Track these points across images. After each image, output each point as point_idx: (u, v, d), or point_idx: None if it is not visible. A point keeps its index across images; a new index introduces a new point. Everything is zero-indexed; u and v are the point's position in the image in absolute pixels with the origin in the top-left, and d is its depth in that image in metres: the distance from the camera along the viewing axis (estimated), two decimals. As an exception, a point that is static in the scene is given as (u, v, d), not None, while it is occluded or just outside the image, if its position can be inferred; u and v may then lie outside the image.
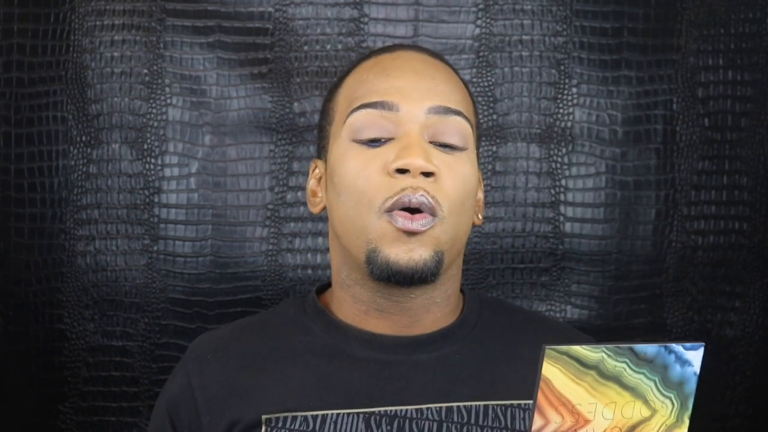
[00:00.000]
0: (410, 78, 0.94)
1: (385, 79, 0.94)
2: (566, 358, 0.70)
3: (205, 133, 1.29)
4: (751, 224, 1.34)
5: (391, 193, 0.89)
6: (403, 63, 0.96)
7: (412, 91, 0.93)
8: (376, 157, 0.91)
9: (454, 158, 0.93)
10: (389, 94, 0.92)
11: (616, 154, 1.32)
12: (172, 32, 1.29)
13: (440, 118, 0.92)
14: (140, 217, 1.29)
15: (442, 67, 0.98)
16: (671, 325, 1.33)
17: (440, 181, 0.91)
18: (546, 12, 1.31)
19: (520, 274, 1.32)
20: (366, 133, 0.92)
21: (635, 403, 0.73)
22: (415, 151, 0.90)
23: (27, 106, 1.28)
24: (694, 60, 1.32)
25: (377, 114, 0.92)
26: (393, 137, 0.92)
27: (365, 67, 0.97)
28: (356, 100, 0.94)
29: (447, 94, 0.94)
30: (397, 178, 0.90)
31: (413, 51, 1.00)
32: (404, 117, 0.92)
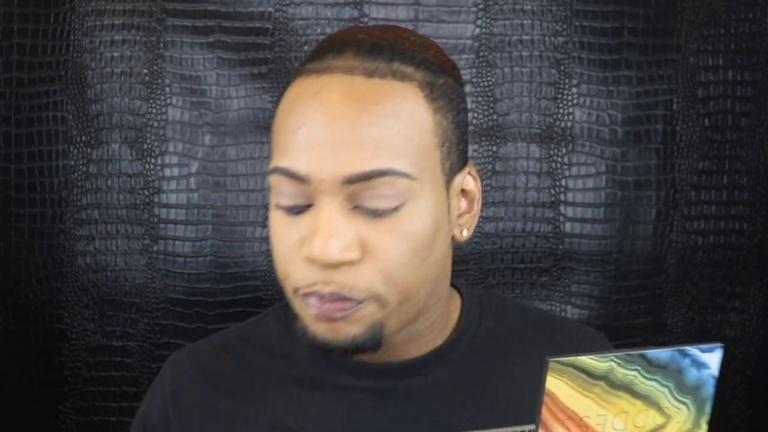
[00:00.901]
0: (323, 133, 0.77)
1: (297, 134, 0.78)
2: (572, 369, 0.66)
3: (205, 133, 1.30)
4: (751, 224, 1.34)
5: (302, 282, 0.78)
6: (320, 106, 0.77)
7: (323, 156, 0.76)
8: (292, 230, 0.79)
9: (388, 222, 0.78)
10: (299, 159, 0.77)
11: (616, 154, 1.32)
12: (172, 32, 1.29)
13: (361, 185, 0.77)
14: (140, 217, 1.29)
15: (379, 92, 0.78)
16: (671, 325, 1.33)
17: (366, 262, 0.77)
18: (546, 12, 1.31)
19: (520, 274, 1.32)
20: (283, 199, 0.79)
21: (648, 412, 0.70)
22: (322, 238, 0.76)
23: (27, 106, 1.28)
24: (694, 60, 1.32)
25: (289, 182, 0.78)
26: (311, 204, 0.79)
27: (289, 99, 0.81)
28: (274, 152, 0.80)
29: (371, 151, 0.76)
30: (309, 265, 0.78)
31: (341, 77, 0.79)
32: (315, 187, 0.77)
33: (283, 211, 0.80)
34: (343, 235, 0.77)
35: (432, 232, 0.80)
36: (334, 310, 0.78)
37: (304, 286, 0.78)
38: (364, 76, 0.79)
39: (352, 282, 0.77)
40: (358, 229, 0.77)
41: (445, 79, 0.83)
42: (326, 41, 0.84)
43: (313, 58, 0.82)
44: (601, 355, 0.67)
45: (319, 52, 0.82)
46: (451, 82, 0.84)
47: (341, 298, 0.77)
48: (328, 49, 0.82)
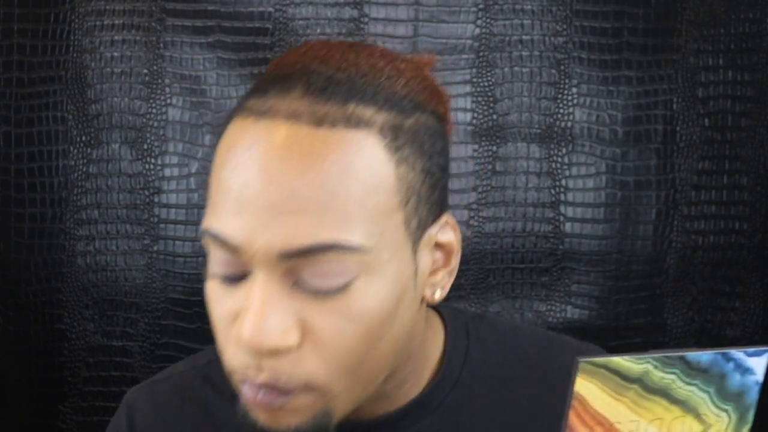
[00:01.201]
0: (257, 197, 0.64)
1: (229, 194, 0.66)
2: (604, 371, 0.60)
3: (205, 133, 1.29)
4: (751, 224, 1.34)
5: (233, 366, 0.67)
6: (255, 163, 0.65)
7: (256, 225, 0.64)
8: (225, 303, 0.67)
9: (334, 302, 0.65)
10: (229, 225, 0.65)
11: (616, 154, 1.32)
12: (172, 32, 1.29)
13: (302, 260, 0.64)
14: (140, 217, 1.29)
15: (329, 146, 0.65)
16: (671, 325, 1.33)
17: (307, 347, 0.65)
18: (546, 12, 1.31)
19: (520, 274, 1.32)
20: (216, 267, 0.68)
21: (686, 418, 0.64)
22: (251, 321, 0.64)
23: (27, 106, 1.28)
24: (694, 60, 1.32)
25: (222, 248, 0.66)
26: (247, 273, 0.66)
27: (225, 144, 0.69)
28: (208, 206, 0.69)
29: (312, 221, 0.63)
30: (242, 349, 0.66)
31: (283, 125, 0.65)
32: (248, 260, 0.65)
33: (219, 279, 0.68)
34: (279, 316, 0.64)
35: (390, 306, 0.68)
36: (266, 402, 0.66)
37: (236, 371, 0.67)
38: (310, 124, 0.65)
39: (289, 370, 0.65)
40: (298, 309, 0.65)
41: (417, 117, 0.70)
42: (275, 68, 0.71)
43: (256, 92, 0.69)
44: (637, 357, 0.61)
45: (264, 83, 0.69)
46: (425, 119, 0.71)
47: (274, 388, 0.66)
48: (273, 81, 0.68)
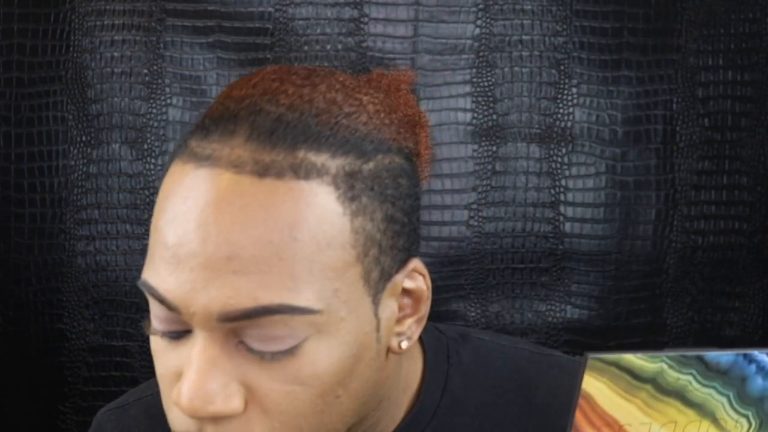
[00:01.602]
0: (195, 255, 0.58)
1: (165, 247, 0.60)
2: (615, 369, 0.56)
3: (205, 133, 1.29)
4: (751, 224, 1.34)
5: (177, 428, 0.62)
6: (193, 216, 0.59)
7: (194, 286, 0.58)
8: (170, 357, 0.62)
9: (282, 365, 0.60)
10: (166, 282, 0.59)
11: (616, 154, 1.32)
12: (172, 32, 1.29)
13: (243, 323, 0.59)
14: (140, 217, 1.29)
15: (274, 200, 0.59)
16: (671, 325, 1.33)
17: (254, 411, 0.60)
18: (546, 12, 1.31)
19: (520, 274, 1.32)
20: (156, 323, 0.62)
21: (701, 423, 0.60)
22: (190, 385, 0.59)
23: (27, 106, 1.28)
24: (694, 60, 1.32)
25: (159, 305, 0.61)
26: (189, 330, 0.61)
27: (165, 189, 0.62)
28: (146, 262, 0.63)
29: (255, 283, 0.58)
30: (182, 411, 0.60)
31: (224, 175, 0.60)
32: (188, 320, 0.60)
33: (159, 335, 0.63)
34: (220, 380, 0.59)
35: (347, 366, 0.62)
36: None
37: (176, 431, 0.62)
38: (254, 174, 0.59)
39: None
40: (242, 372, 0.60)
41: (379, 159, 0.63)
42: (222, 100, 0.65)
43: (199, 131, 0.63)
44: (651, 355, 0.57)
45: (209, 120, 0.63)
46: (389, 160, 0.64)
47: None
48: (218, 120, 0.62)
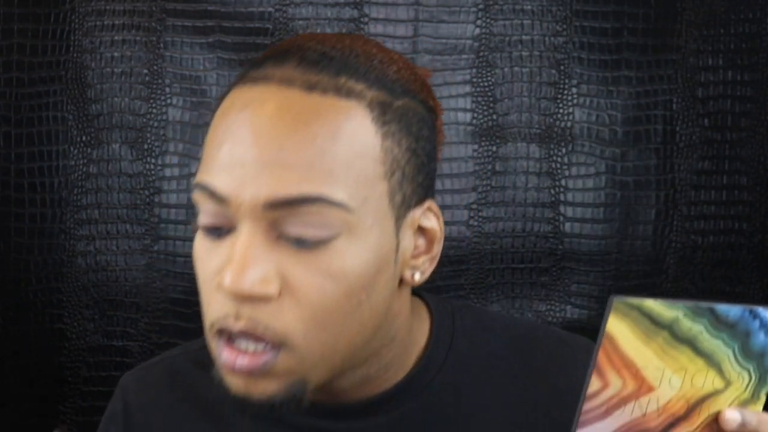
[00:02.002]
0: (247, 151, 0.68)
1: (221, 149, 0.70)
2: (637, 313, 0.60)
3: (206, 133, 1.29)
4: (751, 224, 1.34)
5: (215, 315, 0.70)
6: (248, 121, 0.69)
7: (245, 176, 0.68)
8: (211, 257, 0.70)
9: (315, 256, 0.68)
10: (218, 177, 0.69)
11: (616, 154, 1.32)
12: (172, 32, 1.29)
13: (285, 211, 0.67)
14: (140, 217, 1.29)
15: (317, 109, 0.69)
16: (671, 325, 1.33)
17: (286, 299, 0.68)
18: (546, 12, 1.31)
19: (520, 274, 1.32)
20: (204, 218, 0.71)
21: (708, 373, 0.64)
22: (237, 268, 0.67)
23: (27, 106, 1.28)
24: (694, 60, 1.32)
25: (210, 201, 0.70)
26: (233, 227, 0.70)
27: (222, 110, 0.73)
28: (200, 165, 0.73)
29: (299, 174, 0.67)
30: (224, 297, 0.69)
31: (276, 89, 0.70)
32: (236, 210, 0.68)
33: (204, 233, 0.71)
34: (260, 265, 0.67)
35: (370, 273, 0.70)
36: (244, 366, 0.69)
37: (215, 320, 0.70)
38: (302, 89, 0.69)
39: (266, 320, 0.68)
40: (280, 261, 0.68)
41: (406, 101, 0.74)
42: (272, 48, 0.75)
43: (255, 66, 0.73)
44: (670, 302, 0.61)
45: (262, 59, 0.74)
46: (414, 105, 0.74)
47: (253, 337, 0.68)
48: (270, 56, 0.73)
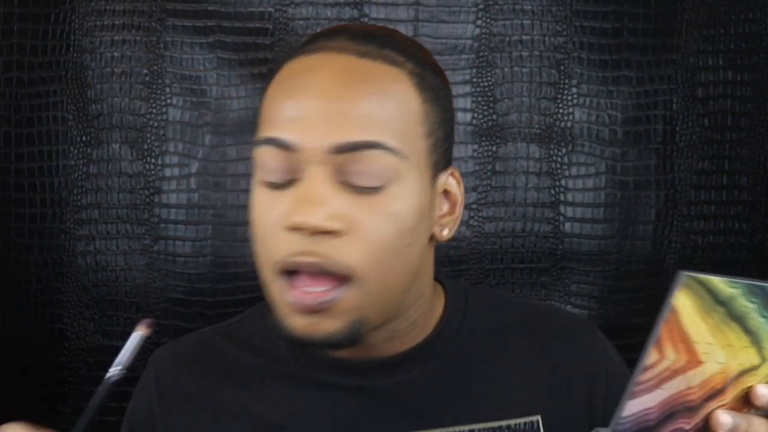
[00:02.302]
0: (313, 105, 0.77)
1: (286, 106, 0.78)
2: (702, 289, 0.64)
3: (205, 133, 1.29)
4: (751, 224, 1.34)
5: (283, 253, 0.77)
6: (311, 80, 0.78)
7: (312, 125, 0.77)
8: (276, 205, 0.78)
9: (373, 199, 0.77)
10: (287, 128, 0.77)
11: (616, 154, 1.32)
12: (172, 32, 1.29)
13: (348, 156, 0.76)
14: (140, 217, 1.29)
15: (371, 72, 0.79)
16: (671, 325, 1.33)
17: (350, 236, 0.76)
18: (546, 12, 1.31)
19: (520, 274, 1.32)
20: (268, 175, 0.79)
21: (750, 350, 0.67)
22: (308, 205, 0.75)
23: (27, 106, 1.28)
24: (694, 60, 1.32)
25: (277, 153, 0.78)
26: (297, 178, 0.78)
27: (280, 77, 0.82)
28: (261, 127, 0.80)
29: (359, 123, 0.77)
30: (293, 235, 0.76)
31: (333, 55, 0.80)
32: (303, 157, 0.77)
33: (266, 187, 0.79)
34: (328, 204, 0.76)
35: (416, 218, 0.79)
36: (315, 301, 0.76)
37: (284, 258, 0.77)
38: (355, 55, 0.80)
39: (334, 255, 0.76)
40: (343, 203, 0.76)
41: (434, 77, 0.84)
42: (320, 31, 0.86)
43: (306, 43, 0.84)
44: (732, 280, 0.65)
45: (312, 38, 0.84)
46: (439, 82, 0.84)
47: (322, 271, 0.76)
48: (321, 34, 0.84)
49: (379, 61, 0.80)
